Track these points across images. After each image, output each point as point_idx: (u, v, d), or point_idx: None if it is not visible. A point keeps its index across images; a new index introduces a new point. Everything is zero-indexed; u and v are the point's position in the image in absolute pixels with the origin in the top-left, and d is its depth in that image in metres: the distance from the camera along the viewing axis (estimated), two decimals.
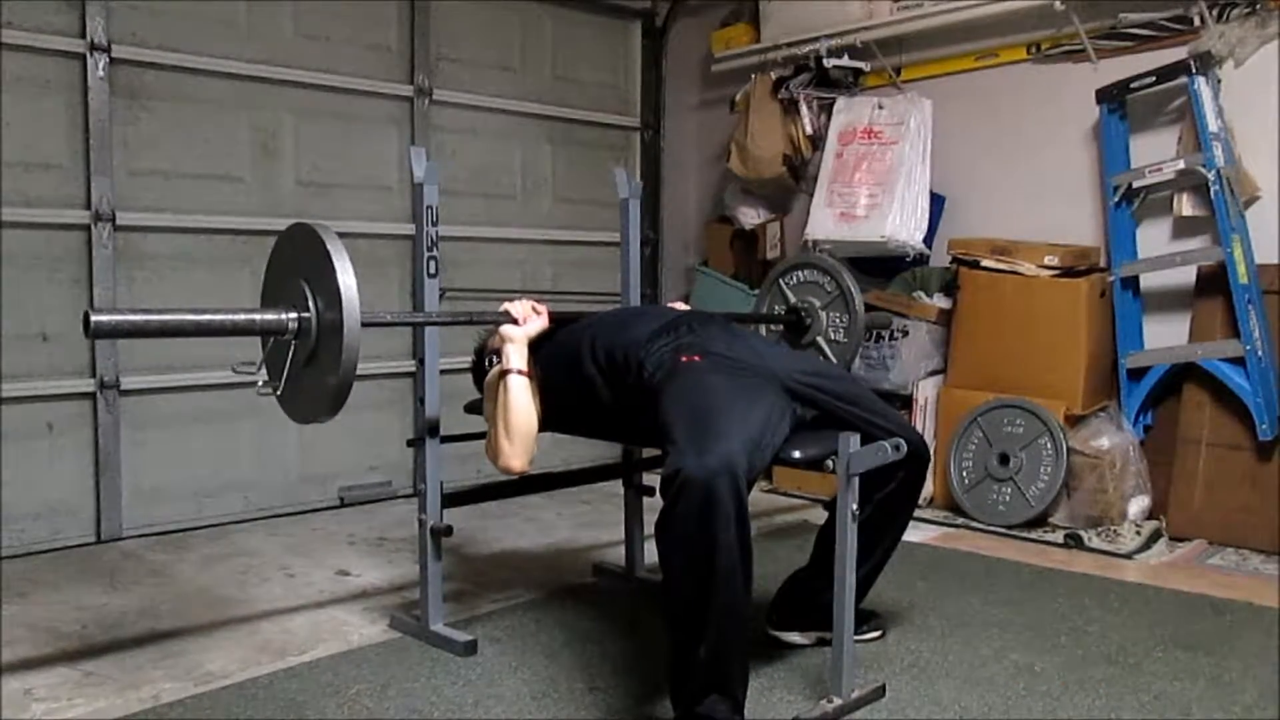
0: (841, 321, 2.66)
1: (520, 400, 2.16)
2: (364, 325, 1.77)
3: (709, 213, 4.81)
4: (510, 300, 2.28)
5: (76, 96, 3.22)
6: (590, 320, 2.35)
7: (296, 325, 1.85)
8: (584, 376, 2.19)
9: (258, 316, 1.86)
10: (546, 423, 2.39)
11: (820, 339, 2.70)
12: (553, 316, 2.28)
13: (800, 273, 2.78)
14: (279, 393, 1.95)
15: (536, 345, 2.30)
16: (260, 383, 2.00)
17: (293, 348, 1.89)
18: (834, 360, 2.69)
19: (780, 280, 2.80)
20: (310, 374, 1.87)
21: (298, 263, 1.89)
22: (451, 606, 2.60)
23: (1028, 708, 2.05)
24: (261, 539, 3.38)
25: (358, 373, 1.79)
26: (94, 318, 1.69)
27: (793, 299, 2.76)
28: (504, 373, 2.19)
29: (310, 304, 1.83)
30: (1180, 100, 3.39)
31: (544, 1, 4.38)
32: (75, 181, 3.23)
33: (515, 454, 2.16)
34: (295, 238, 1.93)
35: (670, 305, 2.66)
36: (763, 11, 4.33)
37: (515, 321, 2.23)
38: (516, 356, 2.20)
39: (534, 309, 2.26)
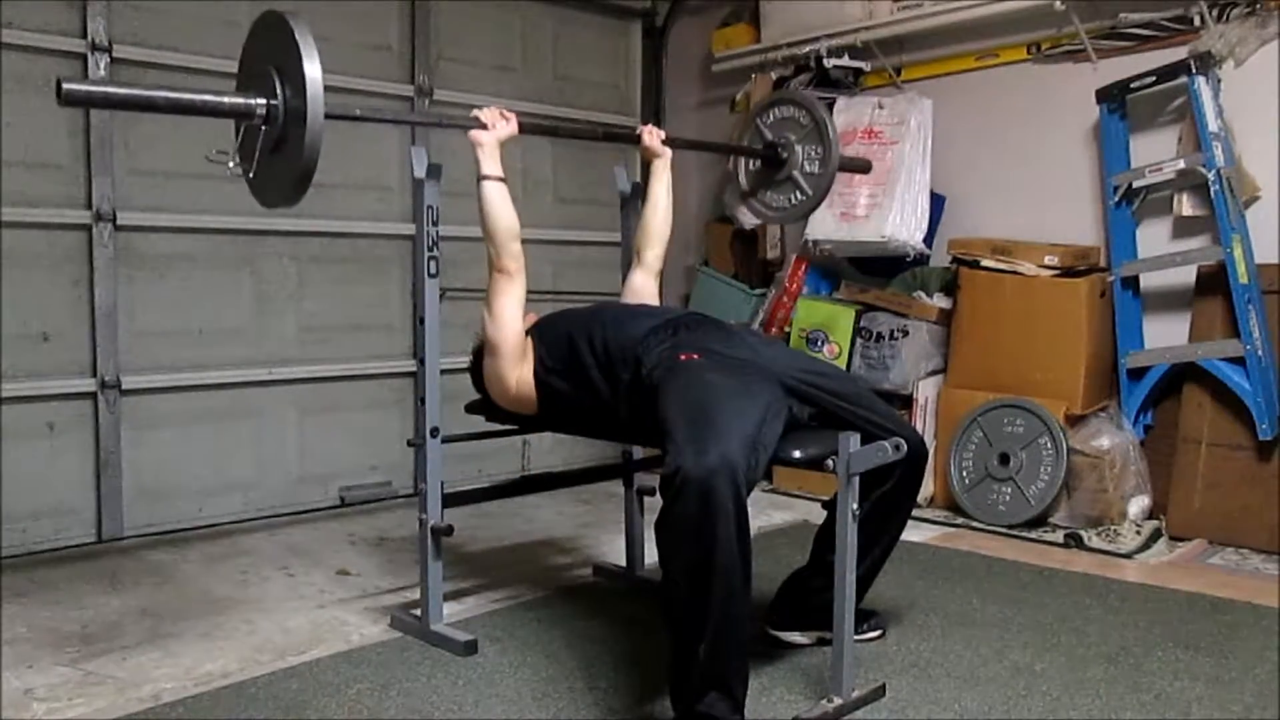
0: (816, 154, 2.71)
1: (497, 203, 2.25)
2: (328, 116, 1.81)
3: (709, 213, 4.80)
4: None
5: None
6: (589, 313, 2.36)
7: (265, 111, 1.88)
8: (580, 365, 2.19)
9: (226, 99, 1.89)
10: (544, 417, 2.39)
11: (796, 172, 2.74)
12: (521, 125, 2.35)
13: (776, 110, 2.82)
14: (249, 176, 2.00)
15: (534, 331, 2.31)
16: (232, 164, 2.02)
17: (261, 134, 1.93)
18: (810, 193, 2.75)
19: (757, 120, 2.83)
20: (277, 160, 1.92)
21: (269, 51, 1.91)
22: (451, 606, 2.60)
23: (1028, 708, 2.05)
24: (261, 539, 3.38)
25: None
26: (66, 85, 1.72)
27: (769, 136, 2.78)
28: (479, 180, 2.26)
29: (278, 91, 1.87)
30: (1180, 100, 3.39)
31: (544, 1, 4.38)
32: (76, 181, 3.23)
33: (501, 251, 2.25)
34: (269, 26, 1.94)
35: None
36: (763, 11, 4.33)
37: (485, 127, 2.29)
38: (489, 162, 2.29)
39: (502, 115, 2.32)
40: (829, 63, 4.06)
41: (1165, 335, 3.47)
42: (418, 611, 2.46)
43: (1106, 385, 3.57)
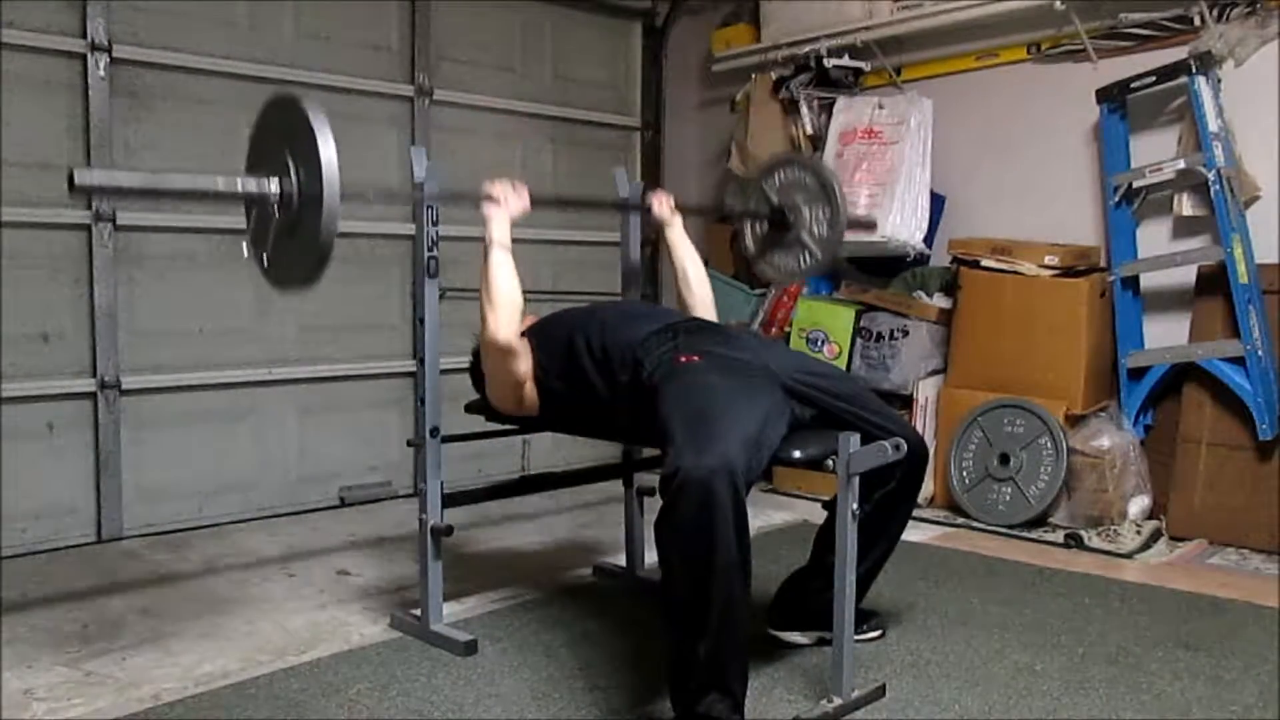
0: (824, 215, 2.68)
1: (504, 271, 2.20)
2: (344, 198, 1.78)
3: (709, 215, 4.80)
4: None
5: (77, 96, 3.22)
6: (588, 313, 2.36)
7: (279, 194, 1.85)
8: (579, 367, 2.20)
9: (240, 184, 1.86)
10: (544, 419, 2.39)
11: (804, 233, 2.71)
12: (533, 197, 2.31)
13: (782, 172, 2.78)
14: (263, 261, 1.96)
15: (533, 332, 2.31)
16: (246, 251, 2.00)
17: (275, 218, 1.90)
18: (819, 255, 2.71)
19: (763, 182, 2.81)
20: (292, 244, 1.88)
21: (282, 133, 1.89)
22: (451, 606, 2.60)
23: (1028, 708, 2.05)
24: (261, 539, 3.38)
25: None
26: (78, 176, 1.69)
27: (776, 200, 2.77)
28: (487, 244, 2.22)
29: (292, 174, 1.84)
30: (1180, 100, 3.39)
31: (544, 1, 4.38)
32: None
33: (499, 324, 2.18)
34: (280, 107, 1.92)
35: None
36: (763, 11, 4.33)
37: (497, 202, 2.26)
38: (499, 230, 2.24)
39: (514, 188, 2.29)
40: (829, 63, 4.06)
41: (1165, 335, 3.47)
42: (418, 611, 2.46)
43: (1106, 385, 3.57)
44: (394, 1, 3.92)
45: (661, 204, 2.65)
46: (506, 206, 2.26)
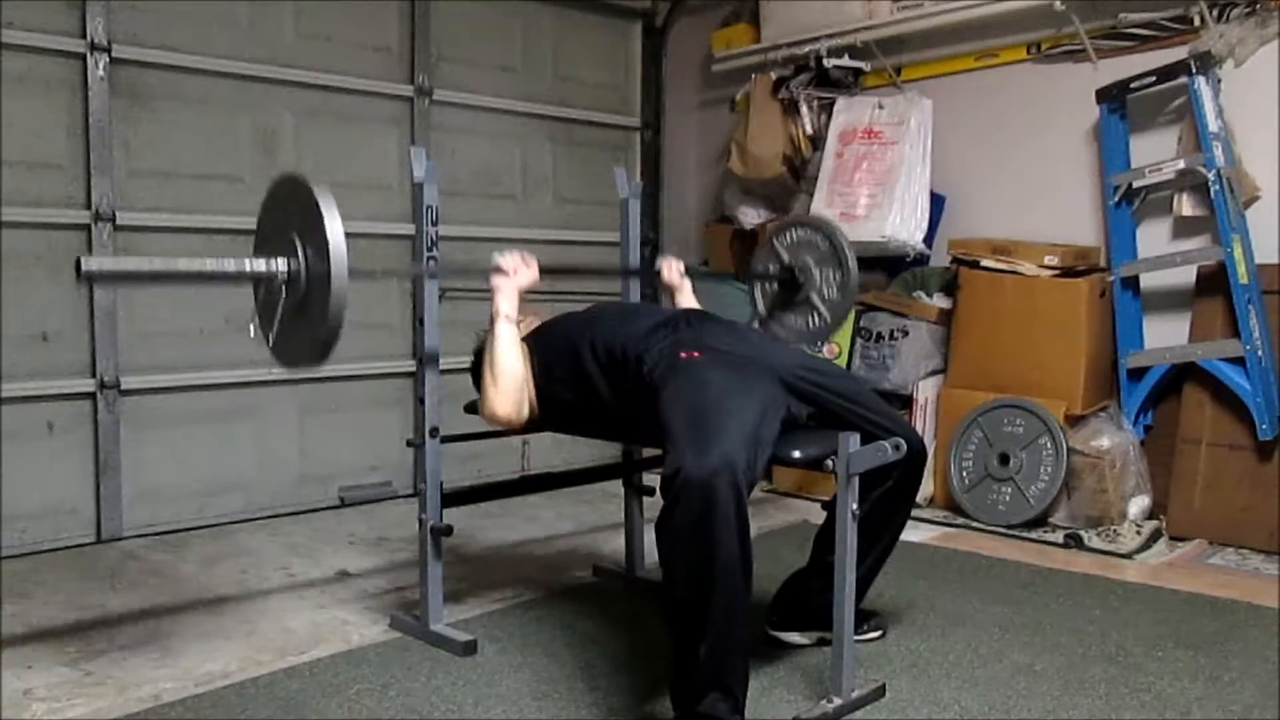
0: (835, 278, 2.68)
1: (507, 347, 2.19)
2: (352, 277, 1.79)
3: (709, 213, 4.80)
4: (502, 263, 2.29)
5: (77, 96, 3.22)
6: (588, 314, 2.36)
7: (286, 275, 1.86)
8: (583, 372, 2.19)
9: (249, 265, 1.87)
10: (546, 422, 2.39)
11: (814, 294, 2.70)
12: (542, 268, 2.30)
13: (794, 232, 2.77)
14: (270, 341, 1.97)
15: (534, 337, 2.31)
16: (253, 331, 2.01)
17: (283, 297, 1.90)
18: (829, 318, 2.69)
19: (774, 240, 2.81)
20: (300, 323, 1.89)
21: (288, 213, 1.90)
22: (451, 606, 2.60)
23: (1028, 708, 2.05)
24: (261, 539, 3.38)
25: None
26: (85, 265, 1.71)
27: (786, 259, 2.76)
28: (493, 321, 2.21)
29: (300, 254, 1.85)
30: (1180, 100, 3.39)
31: (544, 1, 4.38)
32: (75, 181, 3.23)
33: (500, 401, 2.18)
34: (287, 188, 1.93)
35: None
36: (763, 11, 4.33)
37: (506, 274, 2.25)
38: (506, 303, 2.22)
39: (523, 260, 2.27)
40: (829, 63, 4.06)
41: (1165, 335, 3.46)
42: (418, 611, 2.46)
43: (1106, 385, 3.57)
44: (394, 1, 3.92)
45: (670, 269, 2.65)
46: (515, 278, 2.25)
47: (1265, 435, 3.14)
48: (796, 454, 2.01)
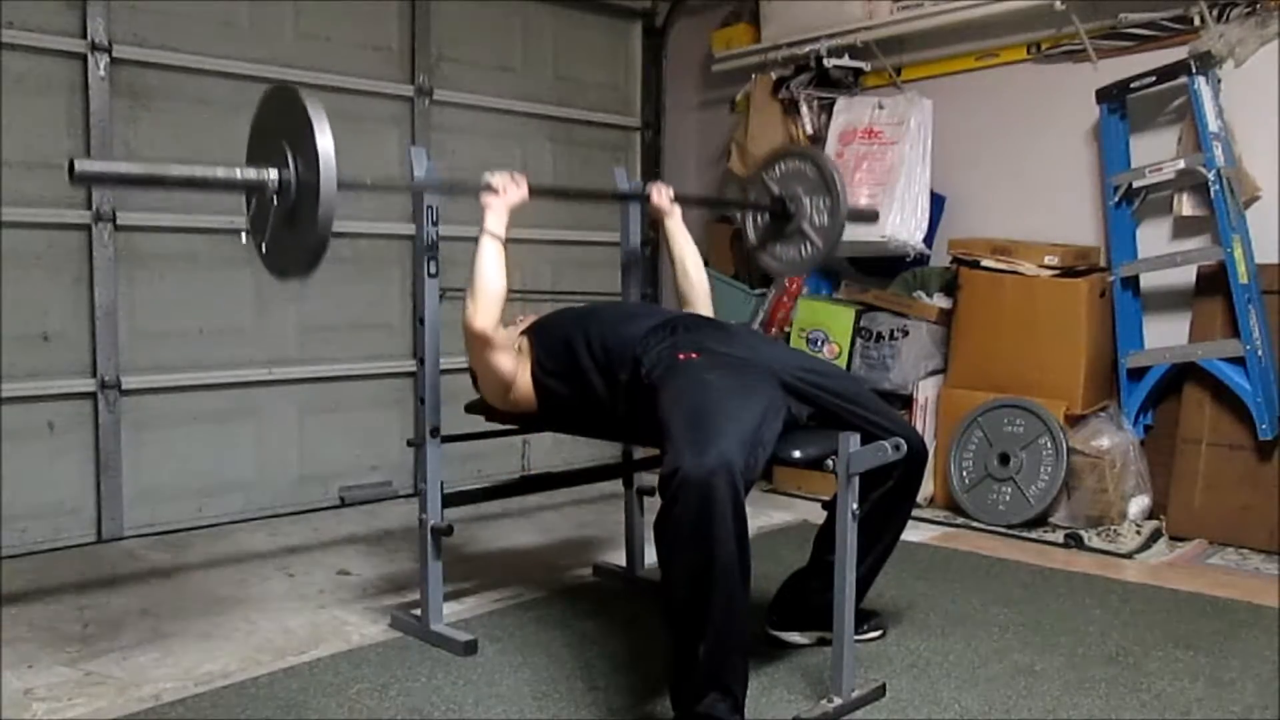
0: (824, 205, 2.69)
1: (490, 262, 2.19)
2: (341, 187, 1.81)
3: (709, 213, 4.80)
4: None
5: (77, 96, 3.22)
6: (587, 313, 2.36)
7: (277, 184, 1.88)
8: (578, 368, 2.19)
9: (239, 173, 1.89)
10: (546, 421, 2.39)
11: (805, 223, 2.71)
12: (532, 188, 2.30)
13: (782, 163, 2.78)
14: (261, 249, 1.99)
15: (532, 331, 2.31)
16: (245, 236, 2.03)
17: (274, 206, 1.92)
18: (820, 245, 2.70)
19: (764, 175, 2.81)
20: (290, 232, 1.91)
21: (280, 124, 1.91)
22: (451, 606, 2.60)
23: (1028, 708, 2.05)
24: (261, 539, 3.38)
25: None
26: (79, 166, 1.71)
27: (777, 190, 2.77)
28: (480, 234, 2.22)
29: (290, 164, 1.87)
30: (1180, 100, 3.39)
31: (544, 1, 4.38)
32: None
33: (477, 313, 2.18)
34: (278, 99, 1.95)
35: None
36: (763, 11, 4.33)
37: (496, 192, 2.25)
38: (495, 220, 2.23)
39: (513, 179, 2.28)
40: (829, 63, 4.06)
41: (1165, 335, 3.46)
42: (418, 611, 2.46)
43: (1106, 385, 3.57)
44: (394, 1, 3.92)
45: (660, 194, 2.64)
46: (505, 196, 2.25)
47: (1265, 435, 3.14)
48: (797, 454, 2.01)
